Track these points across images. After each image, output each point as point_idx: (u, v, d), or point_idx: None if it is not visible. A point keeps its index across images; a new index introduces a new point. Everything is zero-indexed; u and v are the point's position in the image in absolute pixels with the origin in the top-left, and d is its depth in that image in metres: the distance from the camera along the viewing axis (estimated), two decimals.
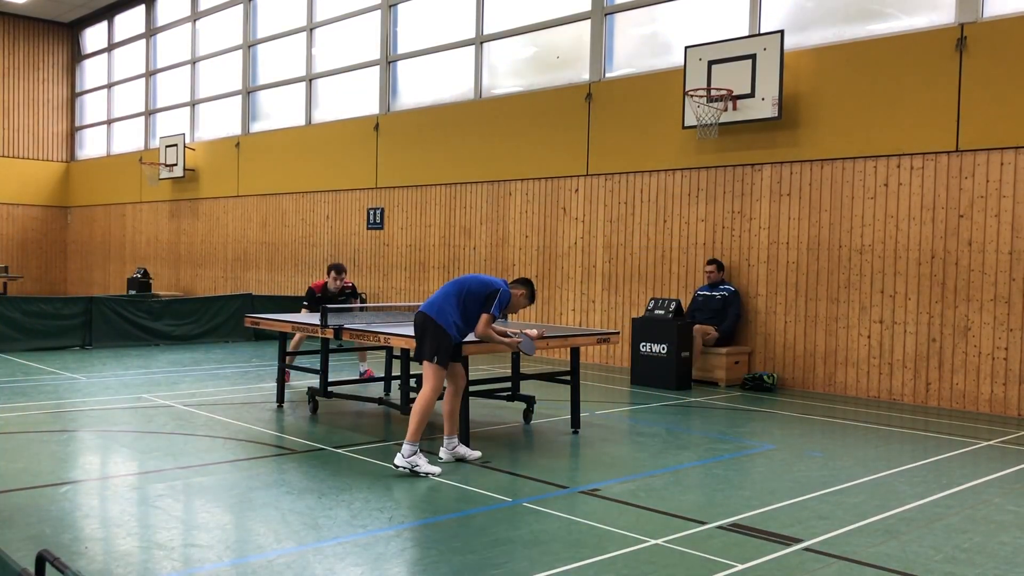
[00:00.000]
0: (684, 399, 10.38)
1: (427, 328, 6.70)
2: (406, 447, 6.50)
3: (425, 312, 6.77)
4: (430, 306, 6.79)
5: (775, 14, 11.89)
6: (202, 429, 8.07)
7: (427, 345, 6.68)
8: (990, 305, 9.90)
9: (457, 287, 6.85)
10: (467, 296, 6.79)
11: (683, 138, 12.46)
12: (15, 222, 26.49)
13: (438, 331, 6.67)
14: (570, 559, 4.77)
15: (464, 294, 6.80)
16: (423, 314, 6.78)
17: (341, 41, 18.52)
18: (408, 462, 6.46)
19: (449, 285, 6.92)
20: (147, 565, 4.60)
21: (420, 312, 6.84)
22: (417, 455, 6.49)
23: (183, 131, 22.48)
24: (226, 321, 15.58)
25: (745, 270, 11.90)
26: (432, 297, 6.92)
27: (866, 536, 5.29)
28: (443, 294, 6.85)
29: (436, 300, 6.84)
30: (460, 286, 6.85)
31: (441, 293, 6.87)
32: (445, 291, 6.87)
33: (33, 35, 26.59)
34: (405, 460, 6.47)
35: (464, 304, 6.78)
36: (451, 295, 6.81)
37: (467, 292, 6.80)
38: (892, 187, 10.64)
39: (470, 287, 6.83)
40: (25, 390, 10.11)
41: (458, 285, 6.87)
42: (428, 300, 6.92)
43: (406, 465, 6.46)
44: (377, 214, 17.27)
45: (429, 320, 6.70)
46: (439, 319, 6.69)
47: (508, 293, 6.87)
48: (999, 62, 9.88)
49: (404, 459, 6.48)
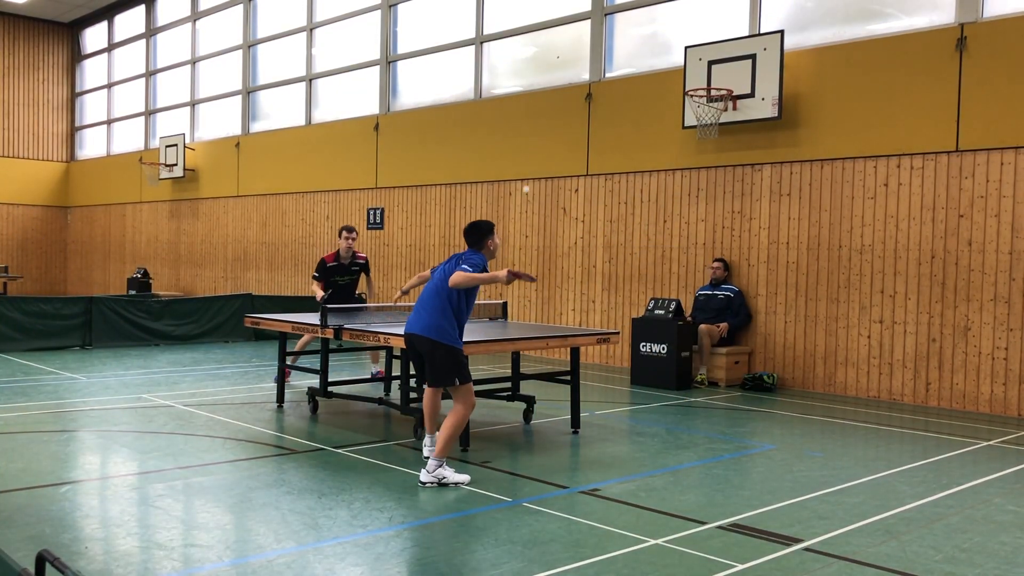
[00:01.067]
0: (684, 399, 10.38)
1: (435, 353, 6.26)
2: (432, 463, 6.19)
3: (420, 335, 6.30)
4: (425, 327, 6.28)
5: (775, 14, 11.89)
6: (202, 429, 8.07)
7: (442, 371, 6.26)
8: (990, 305, 9.90)
9: (435, 291, 6.33)
10: (448, 292, 6.29)
11: (683, 138, 12.46)
12: (15, 222, 26.49)
13: (449, 352, 6.26)
14: (570, 559, 4.77)
15: (445, 293, 6.30)
16: (420, 337, 6.30)
17: (341, 41, 18.52)
18: (435, 476, 6.15)
19: (426, 294, 6.40)
20: (147, 565, 4.60)
21: (412, 335, 6.35)
22: (443, 467, 6.20)
23: (183, 131, 22.49)
24: (226, 321, 15.58)
25: (745, 270, 11.90)
26: (417, 314, 6.38)
27: (866, 536, 5.29)
28: (429, 308, 6.33)
29: (425, 317, 6.32)
30: (437, 289, 6.33)
31: (426, 307, 6.34)
32: (428, 304, 6.34)
33: (33, 35, 26.59)
34: (431, 475, 6.17)
35: (450, 301, 6.29)
36: (435, 302, 6.30)
37: (447, 289, 6.28)
38: (892, 187, 10.64)
39: (443, 275, 6.32)
40: (25, 390, 10.11)
41: (435, 289, 6.35)
42: (414, 317, 6.39)
43: (433, 480, 6.15)
44: (377, 214, 17.27)
45: (429, 343, 6.26)
46: (442, 339, 6.24)
47: (479, 256, 6.38)
48: (999, 62, 9.88)
49: (430, 474, 6.17)
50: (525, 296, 14.48)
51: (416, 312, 6.45)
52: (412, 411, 7.94)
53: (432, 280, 6.50)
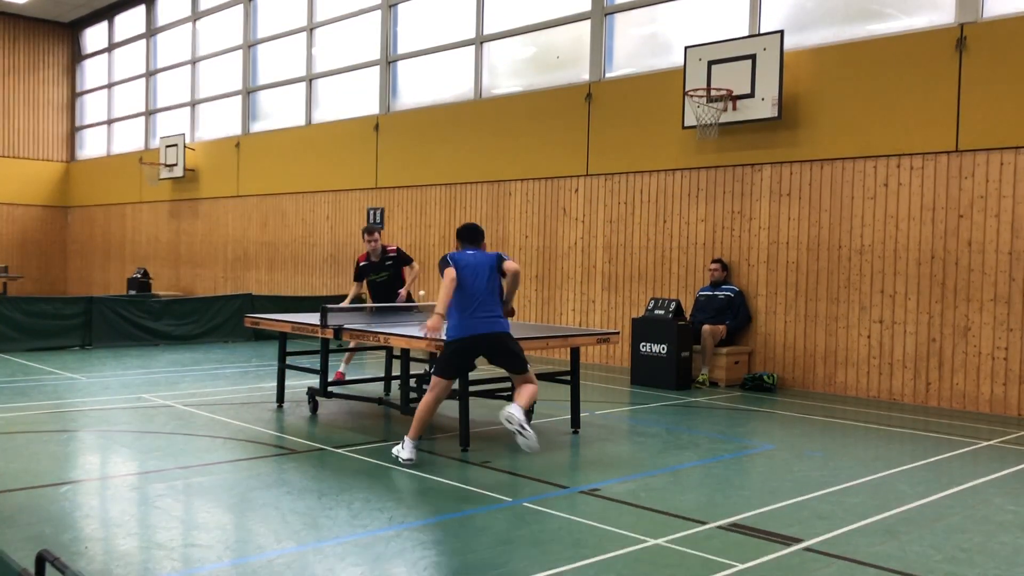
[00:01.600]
0: (684, 399, 10.38)
1: (512, 343, 6.91)
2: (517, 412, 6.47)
3: (502, 332, 6.87)
4: (503, 325, 6.89)
5: (775, 14, 11.89)
6: (202, 429, 8.07)
7: (518, 355, 6.89)
8: (990, 305, 9.90)
9: (490, 289, 6.84)
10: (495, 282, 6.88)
11: (683, 138, 12.46)
12: (15, 222, 26.49)
13: (513, 339, 6.95)
14: (570, 559, 4.76)
15: (498, 288, 6.89)
16: (502, 334, 6.87)
17: (341, 41, 18.52)
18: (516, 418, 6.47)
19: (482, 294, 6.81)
20: (147, 565, 4.60)
21: (496, 334, 6.85)
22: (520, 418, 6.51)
23: (183, 131, 22.49)
24: (226, 321, 15.58)
25: (745, 270, 11.90)
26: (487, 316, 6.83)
27: (866, 536, 5.29)
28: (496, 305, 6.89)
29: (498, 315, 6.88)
30: (491, 287, 6.85)
31: (494, 306, 6.87)
32: (493, 302, 6.87)
33: (33, 35, 26.59)
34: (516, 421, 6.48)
35: (499, 289, 6.92)
36: (496, 298, 6.89)
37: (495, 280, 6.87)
38: (892, 187, 10.64)
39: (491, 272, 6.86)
40: (25, 390, 10.11)
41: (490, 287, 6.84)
42: (486, 319, 6.82)
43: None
44: (377, 214, 17.27)
45: (507, 336, 6.89)
46: (508, 328, 6.93)
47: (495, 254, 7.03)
48: (999, 62, 9.88)
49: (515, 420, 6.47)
50: (525, 296, 14.48)
51: (482, 314, 6.81)
52: (412, 411, 7.93)
53: (478, 280, 6.81)
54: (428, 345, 7.28)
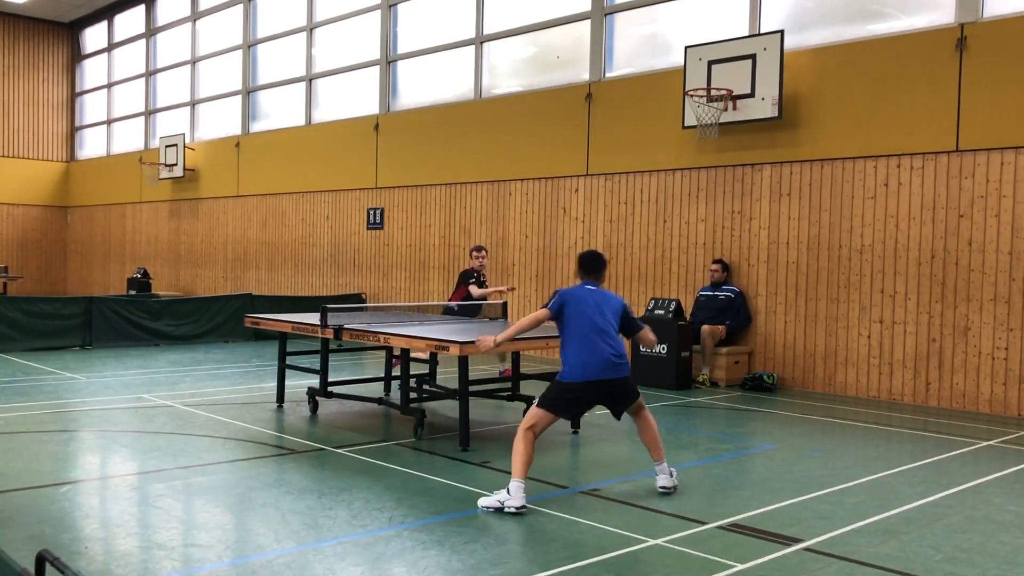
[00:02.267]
0: (684, 399, 10.38)
1: (630, 383, 6.12)
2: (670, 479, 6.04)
3: (626, 376, 6.05)
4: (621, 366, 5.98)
5: (775, 14, 11.89)
6: (202, 429, 8.07)
7: (631, 393, 6.13)
8: (990, 305, 9.90)
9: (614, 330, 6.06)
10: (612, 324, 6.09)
11: (683, 138, 12.46)
12: (15, 222, 26.48)
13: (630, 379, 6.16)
14: (570, 559, 4.77)
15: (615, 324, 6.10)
16: (624, 379, 6.04)
17: (341, 41, 18.52)
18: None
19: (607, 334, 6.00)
20: (147, 565, 4.60)
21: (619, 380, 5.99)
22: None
23: (183, 131, 22.48)
24: (226, 321, 15.58)
25: (745, 270, 11.90)
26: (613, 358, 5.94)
27: (866, 536, 5.29)
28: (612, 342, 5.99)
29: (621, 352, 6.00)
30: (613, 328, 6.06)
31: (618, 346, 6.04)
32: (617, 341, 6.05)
33: (33, 35, 26.58)
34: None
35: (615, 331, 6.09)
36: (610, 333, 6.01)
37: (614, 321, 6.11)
38: (892, 187, 10.64)
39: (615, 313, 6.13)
40: (25, 390, 10.11)
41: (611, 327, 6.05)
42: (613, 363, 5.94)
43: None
44: (377, 214, 17.27)
45: (626, 380, 6.08)
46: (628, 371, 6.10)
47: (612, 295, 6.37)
48: (999, 62, 9.88)
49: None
50: (525, 296, 14.48)
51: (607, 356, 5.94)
52: (412, 411, 7.94)
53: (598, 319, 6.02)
54: (428, 345, 7.29)
